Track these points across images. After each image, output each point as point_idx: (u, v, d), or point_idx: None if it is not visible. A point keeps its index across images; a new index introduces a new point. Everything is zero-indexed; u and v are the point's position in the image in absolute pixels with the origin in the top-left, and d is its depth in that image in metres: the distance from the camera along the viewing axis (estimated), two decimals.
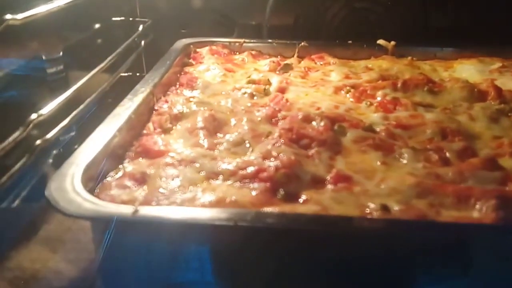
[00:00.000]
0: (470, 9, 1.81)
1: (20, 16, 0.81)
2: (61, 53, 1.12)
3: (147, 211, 0.66)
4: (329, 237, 0.66)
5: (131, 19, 1.68)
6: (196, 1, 1.93)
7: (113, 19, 1.57)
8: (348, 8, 1.87)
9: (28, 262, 0.77)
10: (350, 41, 1.74)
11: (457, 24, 1.84)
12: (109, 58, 1.23)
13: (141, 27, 1.54)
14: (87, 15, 1.40)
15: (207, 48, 1.66)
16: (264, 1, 1.88)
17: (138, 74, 1.66)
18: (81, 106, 1.06)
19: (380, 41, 1.69)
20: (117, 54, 1.28)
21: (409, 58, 1.63)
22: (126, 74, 1.63)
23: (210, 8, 1.94)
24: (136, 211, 0.64)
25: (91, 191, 0.76)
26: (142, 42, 1.54)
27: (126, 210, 0.66)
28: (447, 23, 1.86)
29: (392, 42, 1.69)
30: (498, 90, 1.29)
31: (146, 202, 0.74)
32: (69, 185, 0.70)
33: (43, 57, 1.06)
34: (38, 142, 0.88)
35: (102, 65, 1.18)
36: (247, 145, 1.01)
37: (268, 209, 0.75)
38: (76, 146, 0.90)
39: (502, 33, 1.71)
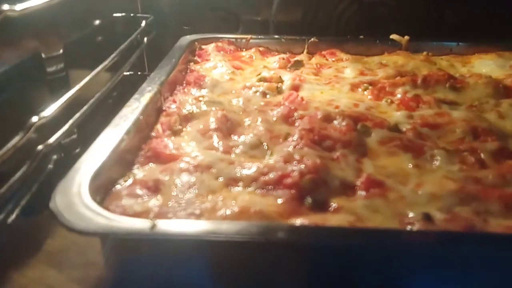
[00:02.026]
0: (484, 2, 1.74)
1: (18, 7, 0.73)
2: (61, 51, 1.04)
3: (166, 225, 0.58)
4: (375, 253, 0.58)
5: (132, 15, 1.59)
6: None
7: (114, 15, 1.48)
8: (358, 2, 1.79)
9: (31, 282, 0.69)
10: (361, 36, 1.67)
11: (472, 18, 1.76)
12: (112, 56, 1.15)
13: (143, 23, 1.46)
14: (87, 11, 1.32)
15: (213, 45, 1.59)
16: None
17: (140, 73, 1.58)
18: (84, 108, 0.98)
19: (394, 36, 1.62)
20: (120, 51, 1.20)
21: (425, 53, 1.56)
22: (128, 73, 1.55)
23: (213, 4, 1.86)
24: (154, 225, 0.57)
25: (100, 202, 0.68)
26: (145, 39, 1.45)
27: (142, 225, 0.58)
28: (461, 17, 1.79)
29: (406, 37, 1.62)
30: None
31: (162, 213, 0.66)
32: (77, 197, 0.62)
33: (43, 55, 0.98)
34: (40, 147, 0.80)
35: (105, 63, 1.10)
36: (265, 147, 0.94)
37: (297, 221, 0.67)
38: (78, 150, 0.82)
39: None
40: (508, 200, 0.71)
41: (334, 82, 1.34)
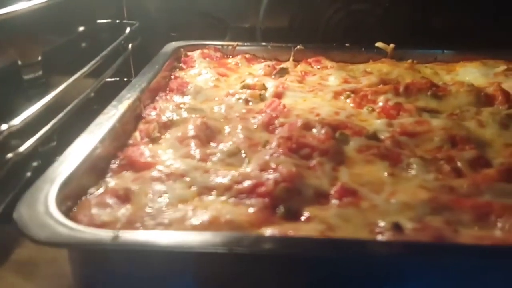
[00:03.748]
0: (470, 11, 1.75)
1: None
2: (39, 58, 1.03)
3: (129, 236, 0.58)
4: (340, 263, 0.58)
5: (118, 21, 1.59)
6: (186, 3, 1.85)
7: (98, 21, 1.48)
8: (345, 10, 1.80)
9: None
10: (347, 44, 1.68)
11: (458, 26, 1.77)
12: (92, 62, 1.15)
13: (128, 30, 1.46)
14: (70, 17, 1.31)
15: (198, 51, 1.59)
16: (257, 3, 1.81)
17: (126, 79, 1.57)
18: (61, 114, 0.97)
19: (379, 44, 1.63)
20: (102, 58, 1.20)
21: (409, 61, 1.57)
22: (113, 79, 1.55)
23: (201, 11, 1.87)
24: (116, 237, 0.56)
25: (68, 211, 0.67)
26: (129, 46, 1.45)
27: (104, 235, 0.57)
28: (447, 25, 1.80)
29: (391, 45, 1.62)
30: (506, 94, 1.23)
31: (130, 223, 0.65)
32: (42, 206, 0.62)
33: (19, 62, 0.98)
34: (9, 155, 0.79)
35: (84, 69, 1.09)
36: (243, 155, 0.93)
37: (267, 230, 0.67)
38: (57, 157, 0.81)
39: (504, 35, 1.66)
40: (480, 210, 0.71)
41: (318, 90, 1.34)
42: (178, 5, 1.84)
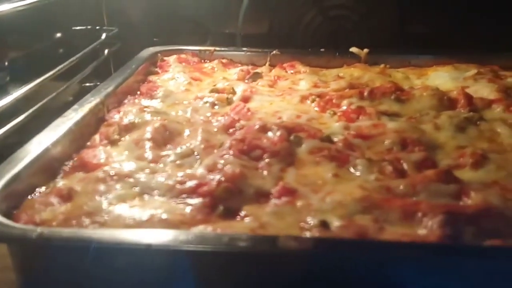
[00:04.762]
0: (447, 16, 1.77)
1: None
2: (6, 63, 1.07)
3: (53, 233, 0.61)
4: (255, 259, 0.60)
5: (98, 27, 1.63)
6: (168, 10, 1.89)
7: (74, 28, 1.52)
8: (322, 16, 1.83)
9: None
10: (322, 49, 1.70)
11: (434, 31, 1.80)
12: (59, 67, 1.18)
13: (103, 36, 1.50)
14: (45, 23, 1.35)
15: (174, 56, 1.62)
16: (237, 9, 1.84)
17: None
18: (21, 117, 1.01)
19: (353, 49, 1.65)
20: (71, 63, 1.23)
21: (382, 66, 1.59)
22: (92, 84, 1.58)
23: (183, 17, 1.91)
24: (41, 233, 0.59)
25: (12, 208, 0.71)
26: (106, 51, 1.49)
27: (30, 232, 0.60)
28: (424, 31, 1.82)
29: (365, 50, 1.64)
30: (468, 97, 1.25)
31: (66, 221, 0.68)
32: None
33: None
34: None
35: (48, 74, 1.13)
36: (197, 157, 0.96)
37: (197, 228, 0.69)
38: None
39: (480, 40, 1.68)
40: (408, 209, 0.73)
41: (287, 94, 1.37)
42: (160, 11, 1.88)
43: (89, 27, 1.62)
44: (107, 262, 0.60)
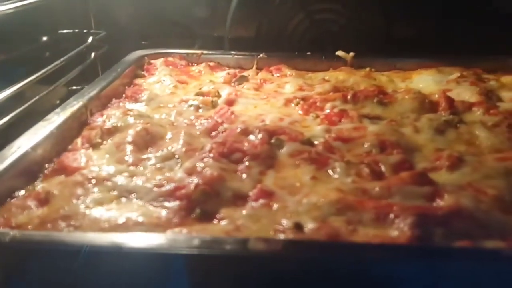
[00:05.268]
0: (432, 20, 1.79)
1: None
2: None
3: (25, 236, 0.62)
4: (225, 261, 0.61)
5: (85, 31, 1.64)
6: (157, 13, 1.90)
7: (60, 31, 1.53)
8: (309, 19, 1.84)
9: None
10: (309, 53, 1.72)
11: (421, 34, 1.81)
12: (43, 70, 1.19)
13: (90, 39, 1.50)
14: (30, 27, 1.36)
15: (161, 59, 1.63)
16: (225, 13, 1.85)
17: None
18: (4, 120, 1.01)
19: (339, 53, 1.67)
20: (55, 65, 1.24)
21: (367, 69, 1.61)
22: (78, 87, 1.59)
23: (171, 20, 1.92)
24: (13, 236, 0.60)
25: None
26: (92, 54, 1.50)
27: (3, 236, 0.61)
28: (410, 34, 1.84)
29: (351, 53, 1.66)
30: (449, 100, 1.26)
31: (42, 225, 0.69)
32: None
33: None
34: None
35: (32, 77, 1.13)
36: (178, 160, 0.97)
37: (171, 231, 0.70)
38: None
39: (465, 43, 1.70)
40: (381, 211, 0.74)
41: (272, 97, 1.38)
42: (147, 15, 1.89)
43: (76, 30, 1.62)
44: (79, 265, 0.60)
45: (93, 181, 0.81)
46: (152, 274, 0.61)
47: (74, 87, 1.56)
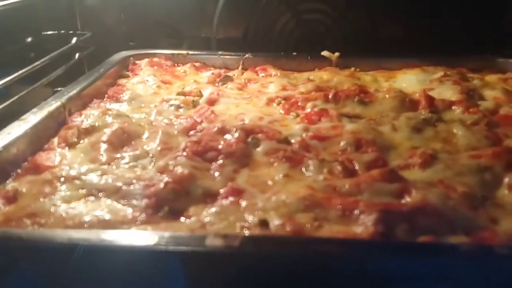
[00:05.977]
0: (418, 20, 1.80)
1: None
2: None
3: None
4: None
5: (70, 32, 1.64)
6: (143, 14, 1.91)
7: (44, 33, 1.53)
8: (296, 19, 1.85)
9: None
10: (295, 53, 1.72)
11: (407, 35, 1.82)
12: (24, 69, 1.19)
13: (74, 40, 1.51)
14: (12, 28, 1.36)
15: (146, 60, 1.63)
16: (212, 13, 1.85)
17: None
18: None
19: (324, 53, 1.67)
20: (37, 65, 1.24)
21: (352, 69, 1.61)
22: (63, 88, 1.59)
23: (157, 21, 1.92)
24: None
25: None
26: (77, 55, 1.50)
27: None
28: (396, 35, 1.84)
29: (336, 53, 1.66)
30: (429, 99, 1.26)
31: (6, 222, 0.69)
32: None
33: None
34: None
35: (12, 76, 1.14)
36: (152, 159, 0.97)
37: (133, 229, 0.70)
38: None
39: (451, 42, 1.70)
40: (347, 207, 0.74)
41: (254, 97, 1.38)
42: (135, 16, 1.89)
43: (62, 31, 1.62)
44: (36, 261, 0.61)
45: (62, 179, 0.81)
46: (113, 271, 0.61)
47: (60, 88, 1.56)
